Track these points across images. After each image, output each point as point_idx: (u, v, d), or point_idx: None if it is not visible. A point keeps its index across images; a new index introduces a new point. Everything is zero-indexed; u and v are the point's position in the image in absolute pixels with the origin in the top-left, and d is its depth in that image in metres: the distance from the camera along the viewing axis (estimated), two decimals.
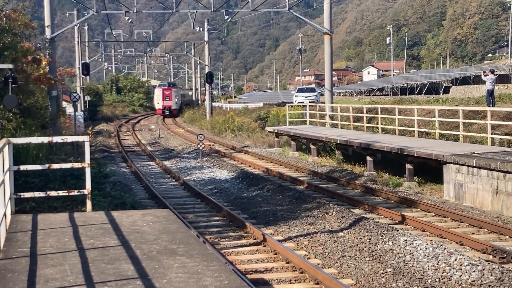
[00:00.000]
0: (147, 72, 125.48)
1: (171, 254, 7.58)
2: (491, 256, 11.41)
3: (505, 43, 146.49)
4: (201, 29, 60.56)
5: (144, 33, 74.95)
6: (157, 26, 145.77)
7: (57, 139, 11.71)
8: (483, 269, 10.16)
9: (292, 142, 31.40)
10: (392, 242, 12.20)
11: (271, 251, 12.00)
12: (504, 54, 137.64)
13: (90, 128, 40.48)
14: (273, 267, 11.01)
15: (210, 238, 13.25)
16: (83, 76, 53.83)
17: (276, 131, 33.62)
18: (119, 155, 32.65)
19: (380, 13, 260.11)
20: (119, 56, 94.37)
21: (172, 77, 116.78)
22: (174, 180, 23.20)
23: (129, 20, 50.40)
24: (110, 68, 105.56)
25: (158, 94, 77.63)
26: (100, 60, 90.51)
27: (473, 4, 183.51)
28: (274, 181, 21.19)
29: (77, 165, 11.18)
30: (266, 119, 43.65)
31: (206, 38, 60.65)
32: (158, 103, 77.68)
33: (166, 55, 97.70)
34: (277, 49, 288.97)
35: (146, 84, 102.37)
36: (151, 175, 24.84)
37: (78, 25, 50.63)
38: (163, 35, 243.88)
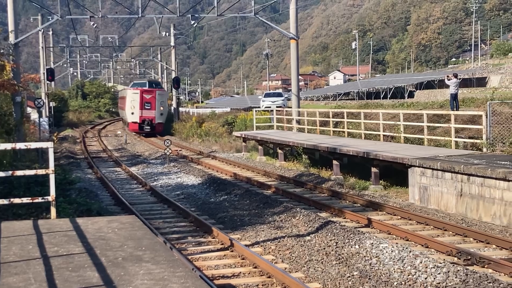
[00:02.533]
0: (113, 78, 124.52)
1: (137, 260, 7.53)
2: (456, 258, 11.54)
3: (469, 48, 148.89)
4: (167, 34, 60.40)
5: (109, 38, 74.31)
6: (123, 31, 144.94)
7: (20, 145, 11.55)
8: (448, 271, 10.27)
9: (260, 147, 31.43)
10: (359, 246, 12.28)
11: (239, 256, 11.98)
12: (468, 58, 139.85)
13: (55, 134, 40.07)
14: (240, 272, 10.99)
15: (177, 244, 13.18)
16: (48, 82, 53.27)
17: (243, 136, 33.64)
18: (84, 161, 32.33)
19: (345, 18, 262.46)
20: (84, 61, 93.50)
21: None
22: (140, 186, 23.03)
23: (94, 25, 50.08)
24: (75, 74, 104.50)
25: (133, 98, 51.47)
26: (65, 65, 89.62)
27: (436, 10, 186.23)
28: (242, 186, 21.18)
29: (41, 171, 11.05)
30: (233, 124, 43.66)
31: (172, 43, 60.47)
32: (132, 113, 51.36)
33: (132, 60, 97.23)
34: (244, 54, 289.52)
35: (112, 90, 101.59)
36: (118, 181, 24.63)
37: (42, 30, 50.12)
38: (129, 40, 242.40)
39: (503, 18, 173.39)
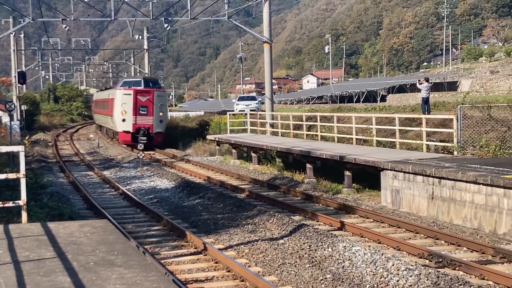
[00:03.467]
0: (86, 81, 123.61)
1: (109, 265, 7.48)
2: (427, 261, 11.65)
3: (440, 52, 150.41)
4: (140, 37, 60.10)
5: (82, 41, 73.75)
6: (96, 34, 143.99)
7: None
8: (420, 274, 10.37)
9: (233, 150, 31.42)
10: (332, 249, 12.33)
11: (212, 260, 11.97)
12: (439, 62, 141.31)
13: (26, 138, 39.66)
14: (214, 276, 10.98)
15: (150, 248, 13.12)
16: (19, 85, 52.71)
17: (217, 139, 33.60)
18: (56, 165, 32.02)
19: (318, 22, 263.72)
20: (56, 64, 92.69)
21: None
22: (113, 190, 22.89)
23: (66, 28, 49.67)
24: (47, 77, 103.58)
25: (124, 101, 39.92)
26: (37, 68, 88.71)
27: (408, 14, 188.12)
28: (215, 189, 21.16)
29: (11, 175, 10.92)
30: (207, 127, 43.58)
31: (145, 46, 60.19)
32: (124, 119, 39.78)
33: (105, 63, 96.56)
34: (218, 57, 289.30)
35: (85, 93, 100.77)
36: (90, 185, 24.45)
37: (14, 33, 49.54)
38: (102, 43, 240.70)
39: (474, 23, 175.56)
